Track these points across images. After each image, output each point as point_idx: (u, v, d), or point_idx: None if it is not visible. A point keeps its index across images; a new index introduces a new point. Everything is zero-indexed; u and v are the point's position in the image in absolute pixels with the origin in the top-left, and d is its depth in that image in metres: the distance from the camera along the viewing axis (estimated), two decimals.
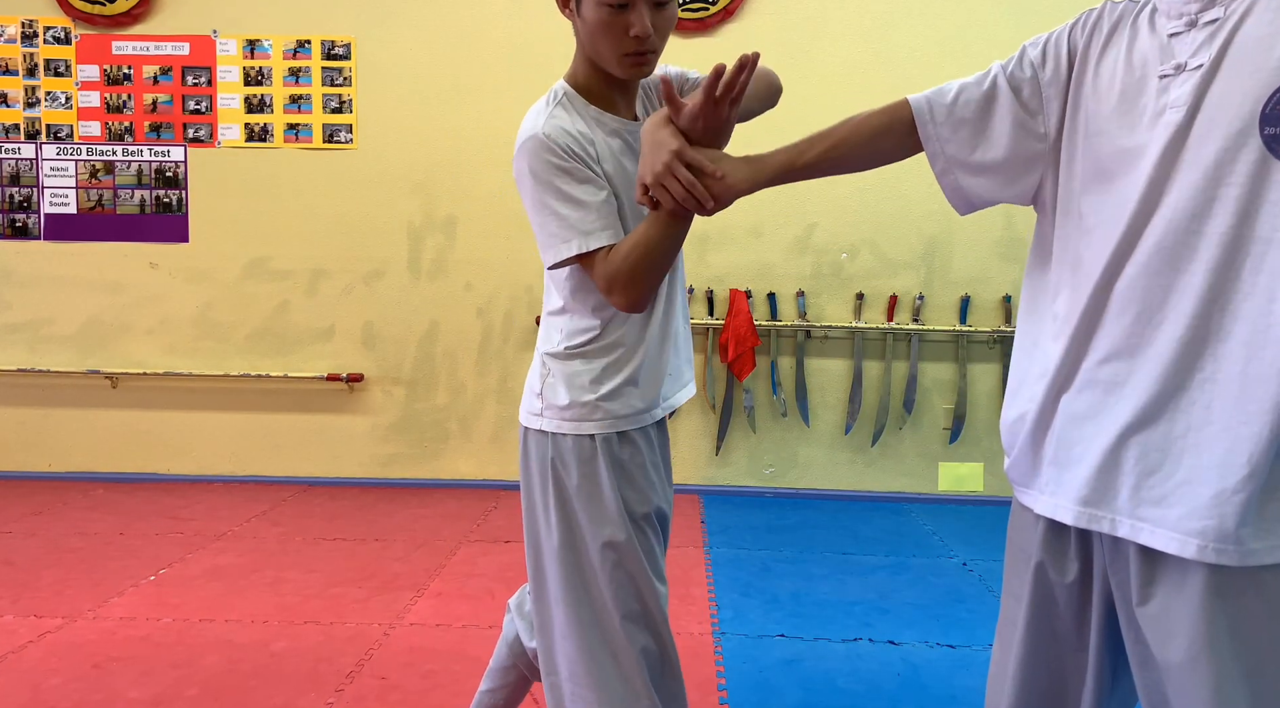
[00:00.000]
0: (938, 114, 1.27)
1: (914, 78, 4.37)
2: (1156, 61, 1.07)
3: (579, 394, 1.56)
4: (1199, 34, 1.03)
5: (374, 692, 2.38)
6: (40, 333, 4.61)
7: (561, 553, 1.53)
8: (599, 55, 1.44)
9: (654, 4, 1.41)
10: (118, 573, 3.23)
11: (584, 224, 1.42)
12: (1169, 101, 1.04)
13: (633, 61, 1.43)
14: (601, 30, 1.40)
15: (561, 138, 1.44)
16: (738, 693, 2.41)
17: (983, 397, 4.48)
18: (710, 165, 1.32)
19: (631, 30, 1.39)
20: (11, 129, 4.58)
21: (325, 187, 4.53)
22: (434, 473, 4.60)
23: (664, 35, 1.45)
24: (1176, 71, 1.04)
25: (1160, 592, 1.05)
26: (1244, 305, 0.99)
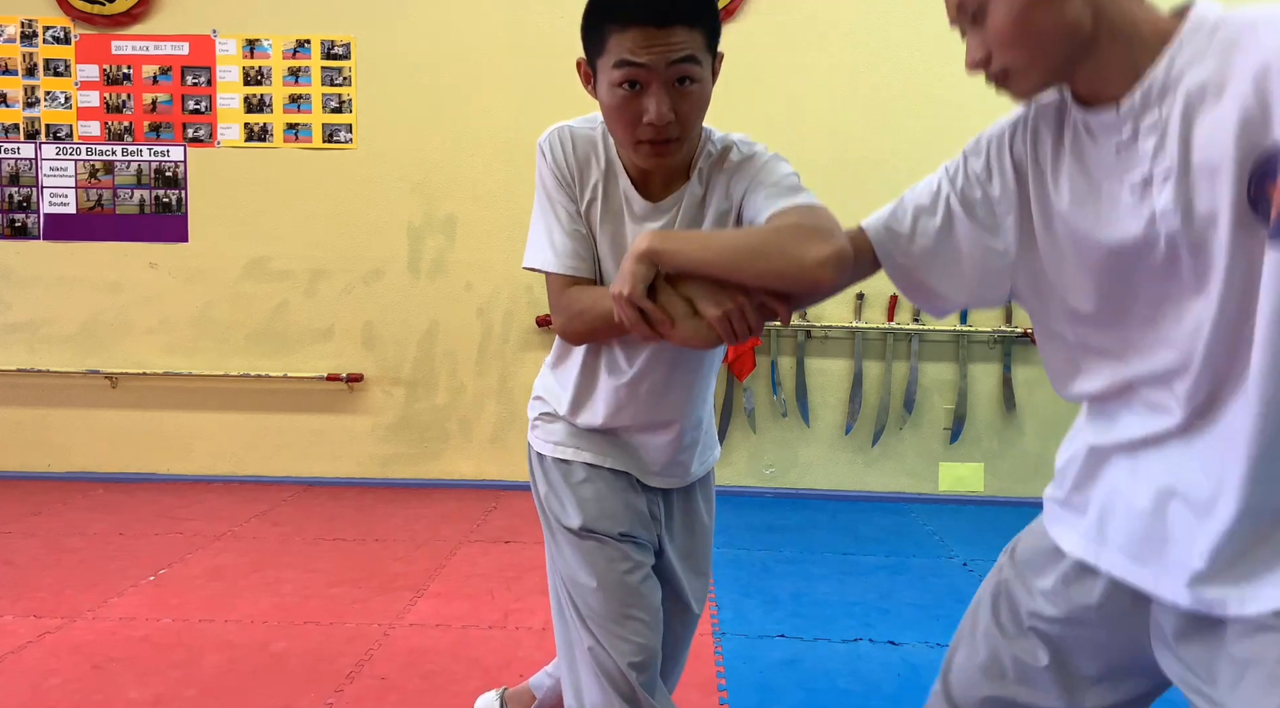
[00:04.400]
0: (899, 244, 1.24)
1: (914, 77, 4.37)
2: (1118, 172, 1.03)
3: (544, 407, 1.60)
4: (1147, 142, 1.00)
5: (374, 692, 2.37)
6: (40, 333, 4.61)
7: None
8: (617, 140, 1.36)
9: (674, 82, 1.27)
10: (118, 573, 3.23)
11: (556, 245, 1.41)
12: (1156, 213, 1.00)
13: (650, 151, 1.31)
14: (615, 114, 1.31)
15: (560, 153, 1.42)
16: (738, 693, 2.41)
17: (983, 397, 4.48)
18: (660, 316, 1.26)
19: (645, 117, 1.27)
20: (11, 129, 4.58)
21: (325, 186, 4.53)
22: (434, 473, 4.60)
23: (688, 122, 1.31)
24: (1145, 184, 1.01)
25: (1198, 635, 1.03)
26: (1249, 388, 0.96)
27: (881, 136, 4.39)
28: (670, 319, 1.26)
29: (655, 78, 1.26)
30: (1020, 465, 4.47)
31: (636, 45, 1.25)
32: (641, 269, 1.25)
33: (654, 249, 1.25)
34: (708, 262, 1.24)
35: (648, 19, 1.25)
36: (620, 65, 1.27)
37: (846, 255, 1.24)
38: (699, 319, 1.25)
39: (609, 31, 1.28)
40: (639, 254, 1.25)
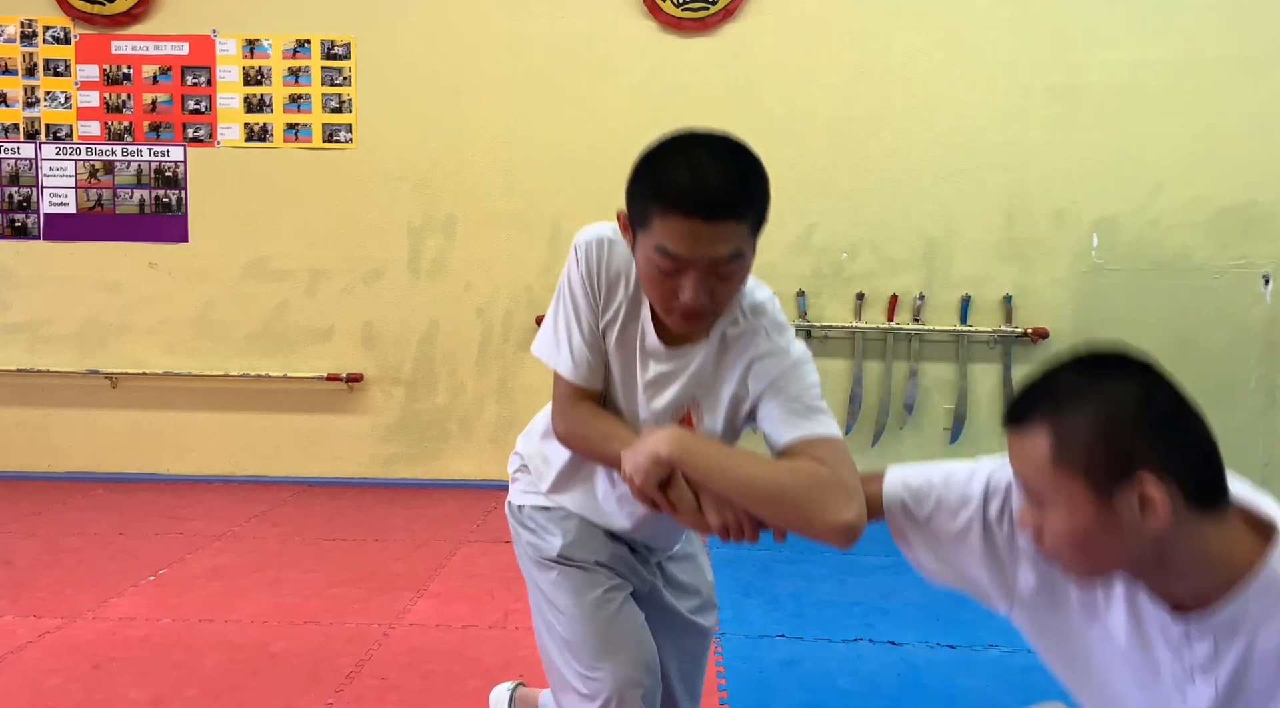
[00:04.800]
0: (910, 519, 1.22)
1: (913, 78, 4.37)
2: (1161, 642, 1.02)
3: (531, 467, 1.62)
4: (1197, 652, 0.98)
5: (374, 692, 2.37)
6: (40, 333, 4.61)
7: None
8: (649, 299, 1.33)
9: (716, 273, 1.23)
10: (118, 573, 3.22)
11: (574, 353, 1.41)
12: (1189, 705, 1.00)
13: (680, 321, 1.29)
14: (649, 284, 1.28)
15: (595, 264, 1.38)
16: (738, 693, 2.41)
17: (983, 397, 4.48)
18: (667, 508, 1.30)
19: (681, 297, 1.24)
20: (11, 129, 4.57)
21: (325, 186, 4.53)
22: (434, 473, 4.59)
23: (724, 300, 1.28)
24: (1188, 676, 1.00)
25: None
26: None
27: (881, 136, 4.39)
28: (675, 509, 1.29)
29: (694, 268, 1.23)
30: None
31: (680, 237, 1.20)
32: (657, 470, 1.27)
33: (676, 459, 1.27)
34: (725, 490, 1.27)
35: (696, 213, 1.19)
36: (660, 252, 1.22)
37: (863, 523, 1.23)
38: (703, 516, 1.29)
39: (653, 212, 1.22)
40: (659, 458, 1.27)
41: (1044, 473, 0.97)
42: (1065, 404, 0.96)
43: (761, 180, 1.26)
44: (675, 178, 1.20)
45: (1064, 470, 0.95)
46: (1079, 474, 0.94)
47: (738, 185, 1.22)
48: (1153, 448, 0.92)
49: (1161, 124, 4.32)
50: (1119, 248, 4.38)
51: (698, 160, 1.21)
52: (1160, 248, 4.37)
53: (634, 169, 1.29)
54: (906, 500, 1.22)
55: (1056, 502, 0.96)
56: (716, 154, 1.23)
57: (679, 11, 4.35)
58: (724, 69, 4.39)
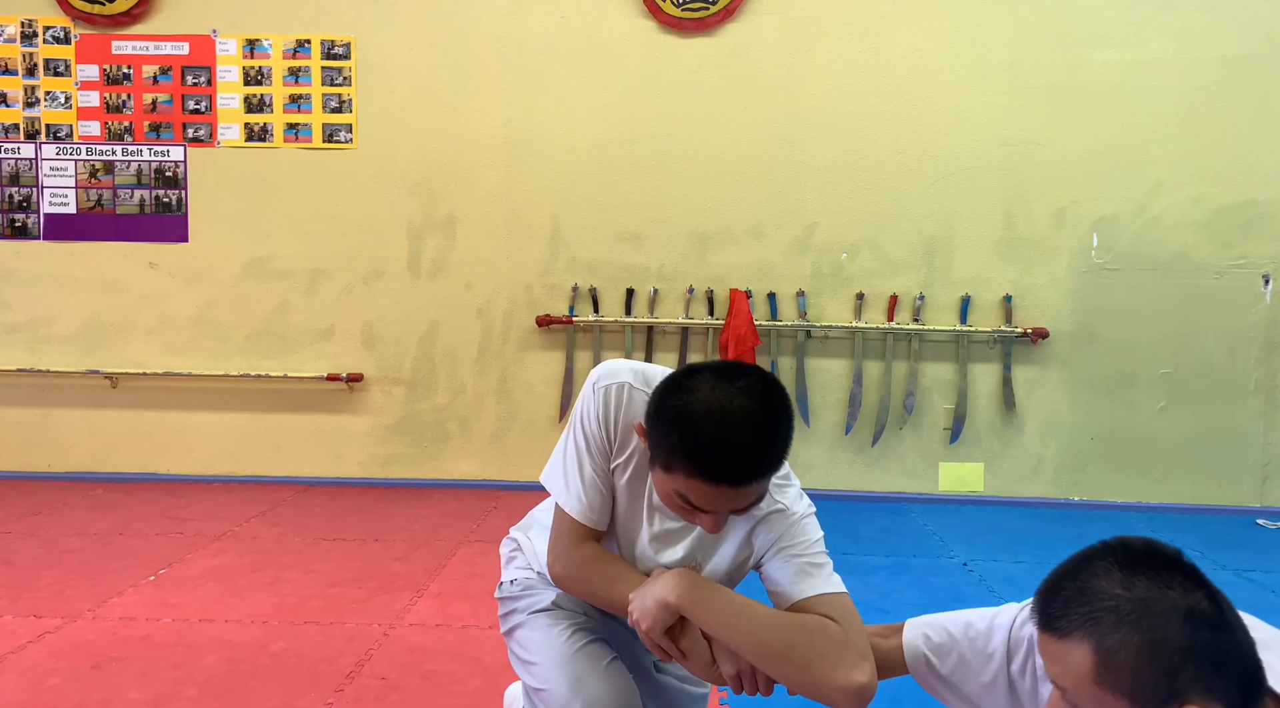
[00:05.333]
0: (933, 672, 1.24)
1: (913, 78, 4.37)
2: None
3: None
4: None
5: (374, 692, 2.37)
6: (40, 333, 4.61)
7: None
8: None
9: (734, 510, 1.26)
10: (118, 573, 3.22)
11: (583, 494, 1.42)
12: None
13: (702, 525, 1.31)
14: (667, 503, 1.30)
15: (613, 413, 1.39)
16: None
17: (983, 397, 4.48)
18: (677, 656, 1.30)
19: (699, 523, 1.29)
20: (11, 129, 4.57)
21: (325, 186, 4.53)
22: (434, 473, 4.59)
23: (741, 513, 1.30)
24: None
25: None
26: None
27: (881, 136, 4.39)
28: (684, 657, 1.30)
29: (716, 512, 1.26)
30: (1020, 465, 4.47)
31: (704, 496, 1.23)
32: (665, 616, 1.28)
33: (684, 607, 1.27)
34: (733, 642, 1.27)
35: (724, 481, 1.21)
36: (683, 497, 1.25)
37: (875, 684, 1.24)
38: (715, 667, 1.29)
39: (677, 466, 1.23)
40: (668, 604, 1.27)
41: (1082, 687, 0.95)
42: (1106, 620, 0.94)
43: (788, 431, 1.26)
44: (704, 446, 1.20)
45: (1106, 689, 0.93)
46: (1122, 694, 0.93)
47: (765, 453, 1.23)
48: (1200, 671, 0.91)
49: (1161, 124, 4.32)
50: (1119, 248, 4.38)
51: (728, 432, 1.20)
52: (1160, 248, 4.37)
53: (659, 405, 1.27)
54: (929, 656, 1.23)
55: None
56: (745, 424, 1.21)
57: (679, 11, 4.35)
58: (724, 69, 4.39)
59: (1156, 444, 4.41)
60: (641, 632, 1.30)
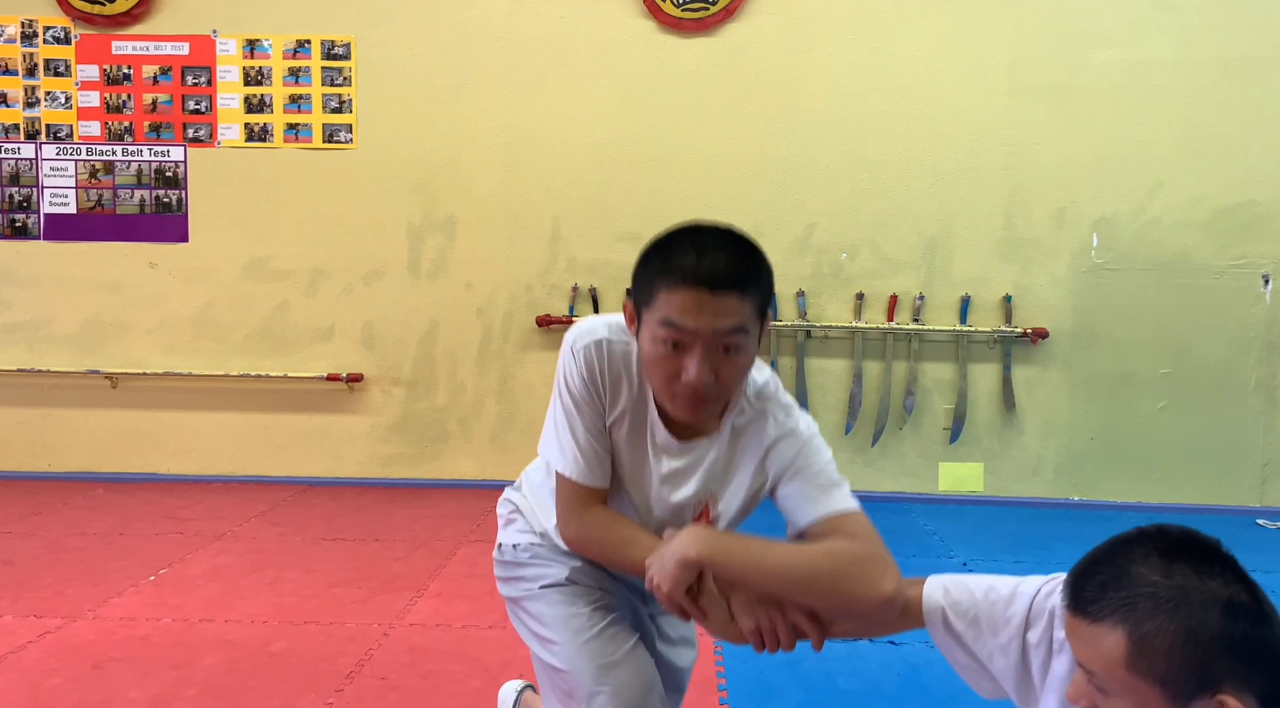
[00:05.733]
0: (951, 631, 1.24)
1: (913, 78, 4.37)
2: None
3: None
4: None
5: (374, 692, 2.37)
6: (40, 333, 4.61)
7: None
8: (653, 387, 1.33)
9: (719, 348, 1.24)
10: (118, 573, 3.22)
11: (580, 455, 1.39)
12: None
13: (684, 404, 1.29)
14: (653, 367, 1.29)
15: (595, 366, 1.37)
16: (738, 693, 2.41)
17: (983, 397, 4.48)
18: (696, 615, 1.28)
19: (685, 377, 1.25)
20: (11, 129, 4.57)
21: (325, 187, 4.53)
22: (434, 473, 4.59)
23: (729, 384, 1.29)
24: None
25: None
26: None
27: (881, 136, 4.39)
28: (704, 615, 1.28)
29: (699, 342, 1.24)
30: (1020, 465, 4.47)
31: (685, 308, 1.23)
32: (686, 574, 1.25)
33: (705, 559, 1.25)
34: (761, 582, 1.26)
35: (700, 284, 1.22)
36: (666, 325, 1.24)
37: (903, 593, 1.26)
38: (734, 624, 1.27)
39: (660, 287, 1.26)
40: (688, 560, 1.24)
41: (1113, 672, 0.94)
42: (1142, 606, 0.92)
43: (765, 266, 1.29)
44: (681, 254, 1.24)
45: (1138, 674, 0.92)
46: (1155, 680, 0.92)
47: (742, 262, 1.26)
48: (1236, 662, 0.90)
49: (1161, 124, 4.32)
50: (1119, 248, 4.38)
51: (703, 240, 1.26)
52: (1160, 248, 4.37)
53: (641, 255, 1.32)
54: (947, 611, 1.23)
55: (1125, 698, 0.94)
56: (722, 236, 1.28)
57: (679, 11, 4.35)
58: (724, 69, 4.39)
59: (1156, 444, 4.41)
60: (662, 594, 1.27)
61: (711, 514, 1.43)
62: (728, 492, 1.43)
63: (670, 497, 1.42)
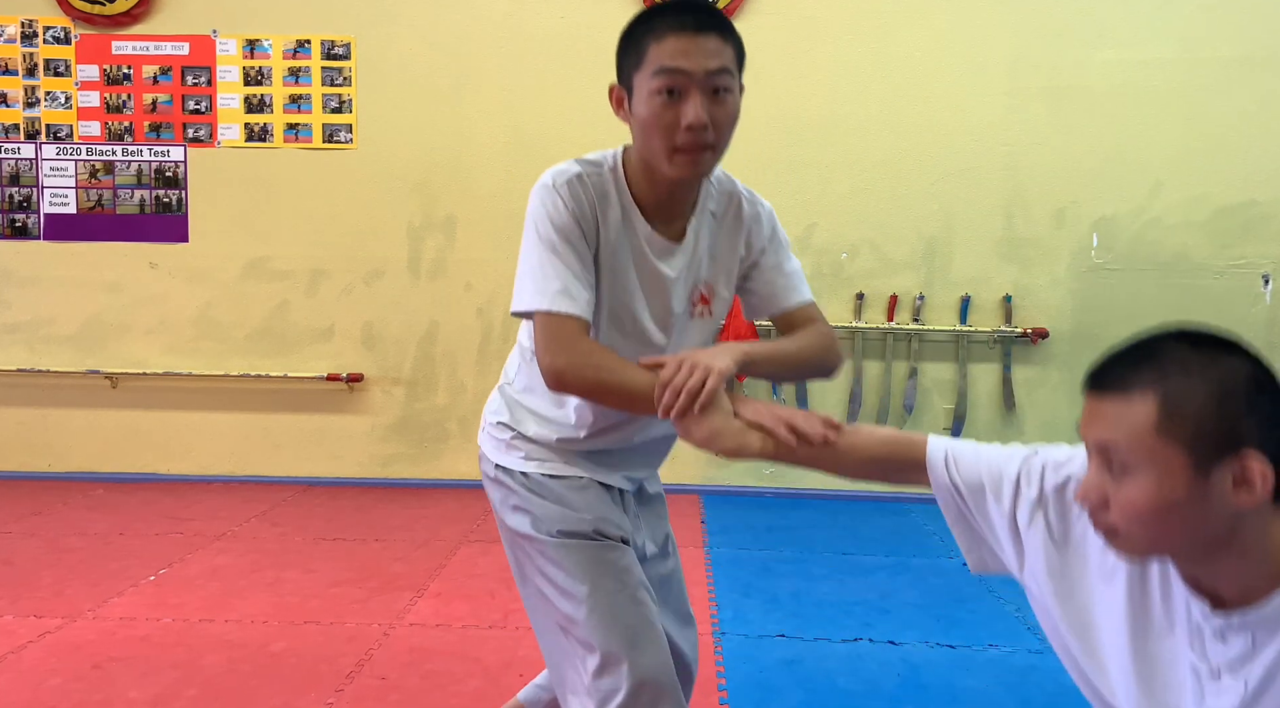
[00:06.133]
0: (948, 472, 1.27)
1: (913, 78, 4.37)
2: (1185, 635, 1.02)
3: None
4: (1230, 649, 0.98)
5: (374, 692, 2.37)
6: (40, 333, 4.61)
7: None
8: (651, 153, 1.37)
9: (710, 91, 1.32)
10: (118, 573, 3.23)
11: (564, 285, 1.38)
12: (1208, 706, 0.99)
13: (686, 159, 1.34)
14: (654, 124, 1.33)
15: (580, 195, 1.41)
16: (738, 693, 2.41)
17: (983, 397, 4.48)
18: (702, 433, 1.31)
19: (684, 120, 1.31)
20: (11, 129, 4.57)
21: (325, 187, 4.53)
22: (434, 473, 4.59)
23: (722, 130, 1.35)
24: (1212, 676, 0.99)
25: None
26: None
27: (881, 136, 4.39)
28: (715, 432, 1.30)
29: (693, 84, 1.31)
30: None
31: (676, 51, 1.31)
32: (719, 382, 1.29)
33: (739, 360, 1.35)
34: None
35: (685, 27, 1.32)
36: (660, 73, 1.32)
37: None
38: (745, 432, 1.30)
39: (648, 44, 1.34)
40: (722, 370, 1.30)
41: (1140, 440, 0.95)
42: (1174, 373, 0.95)
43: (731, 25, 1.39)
44: (660, 14, 1.35)
45: (1167, 439, 0.93)
46: (1182, 444, 0.93)
47: (715, 12, 1.38)
48: (1261, 425, 0.93)
49: (1161, 124, 4.32)
50: (1119, 248, 4.38)
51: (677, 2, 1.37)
52: (1160, 248, 4.37)
53: (623, 35, 1.40)
54: (949, 451, 1.27)
55: (1147, 471, 0.94)
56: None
57: None
58: None
59: None
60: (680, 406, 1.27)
61: (711, 304, 1.52)
62: (721, 278, 1.52)
63: (674, 303, 1.47)
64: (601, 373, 1.35)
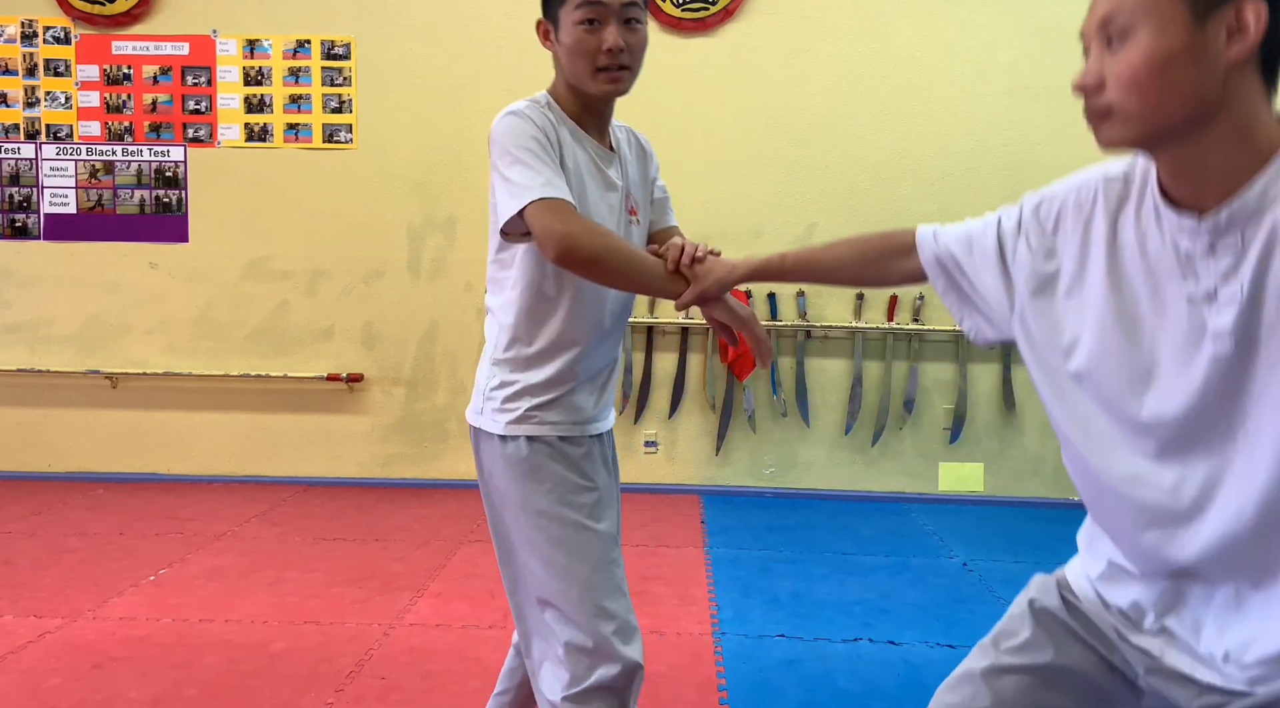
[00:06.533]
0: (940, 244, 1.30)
1: (913, 78, 4.37)
2: (1178, 275, 1.02)
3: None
4: (1221, 260, 0.98)
5: (374, 692, 2.38)
6: (40, 333, 4.61)
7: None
8: (576, 76, 1.54)
9: (624, 22, 1.51)
10: (118, 573, 3.23)
11: (551, 176, 1.47)
12: (1210, 330, 0.99)
13: (606, 77, 1.52)
14: (578, 50, 1.51)
15: (536, 121, 1.52)
16: (738, 693, 2.41)
17: (983, 397, 4.48)
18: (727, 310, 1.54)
19: (604, 45, 1.49)
20: (11, 129, 4.58)
21: (325, 187, 4.53)
22: (434, 473, 4.59)
23: (636, 53, 1.55)
24: (1208, 299, 0.99)
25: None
26: None
27: (881, 136, 4.39)
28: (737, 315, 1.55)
29: (610, 15, 1.49)
30: (1020, 465, 4.46)
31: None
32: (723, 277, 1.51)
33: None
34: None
35: None
36: (582, 5, 1.48)
37: None
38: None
39: None
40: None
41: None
42: None
43: None
44: None
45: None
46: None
47: None
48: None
49: None
50: None
51: None
52: None
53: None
54: (937, 229, 1.32)
55: (1146, 25, 0.96)
56: None
57: (679, 11, 4.35)
58: (724, 69, 4.39)
59: None
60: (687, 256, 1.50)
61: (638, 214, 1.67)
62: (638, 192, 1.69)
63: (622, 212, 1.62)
64: (609, 239, 1.49)
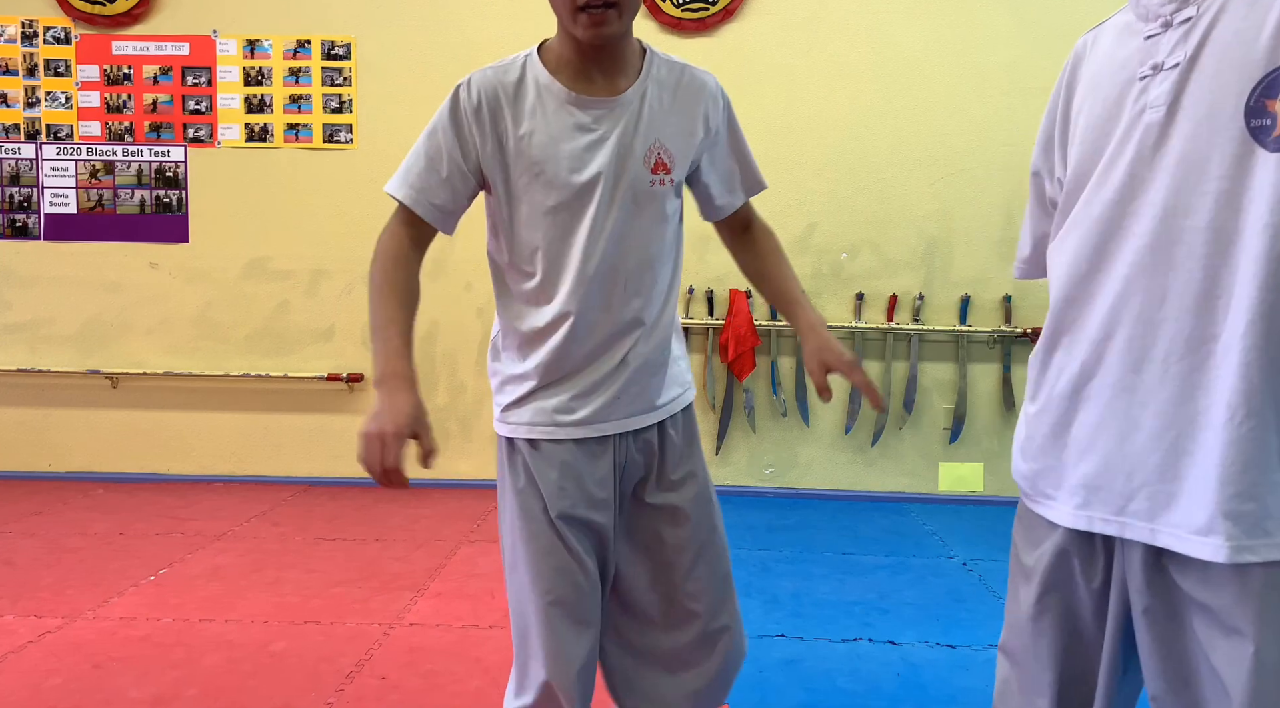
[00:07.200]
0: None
1: (913, 78, 4.37)
2: (1136, 64, 1.07)
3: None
4: (1174, 34, 1.03)
5: (374, 692, 2.38)
6: (40, 333, 4.61)
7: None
8: (562, 17, 1.47)
9: None
10: (118, 573, 3.23)
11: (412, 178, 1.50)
12: (1148, 102, 1.04)
13: (588, 20, 1.41)
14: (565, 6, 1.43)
15: (480, 96, 1.51)
16: (738, 693, 2.41)
17: (983, 397, 4.48)
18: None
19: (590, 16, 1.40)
20: (11, 129, 4.58)
21: (325, 187, 4.53)
22: (434, 473, 4.58)
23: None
24: (1154, 72, 1.04)
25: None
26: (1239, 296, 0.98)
27: (880, 136, 4.39)
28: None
29: None
30: None
31: None
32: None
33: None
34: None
35: None
36: None
37: None
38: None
39: None
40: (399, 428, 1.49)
41: None
42: None
43: None
44: None
45: None
46: None
47: None
48: None
49: None
50: None
51: None
52: None
53: None
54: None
55: None
56: None
57: (679, 12, 4.35)
58: (724, 69, 4.36)
59: None
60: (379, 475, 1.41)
61: (666, 165, 1.49)
62: (674, 142, 1.49)
63: (630, 164, 1.46)
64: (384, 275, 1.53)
